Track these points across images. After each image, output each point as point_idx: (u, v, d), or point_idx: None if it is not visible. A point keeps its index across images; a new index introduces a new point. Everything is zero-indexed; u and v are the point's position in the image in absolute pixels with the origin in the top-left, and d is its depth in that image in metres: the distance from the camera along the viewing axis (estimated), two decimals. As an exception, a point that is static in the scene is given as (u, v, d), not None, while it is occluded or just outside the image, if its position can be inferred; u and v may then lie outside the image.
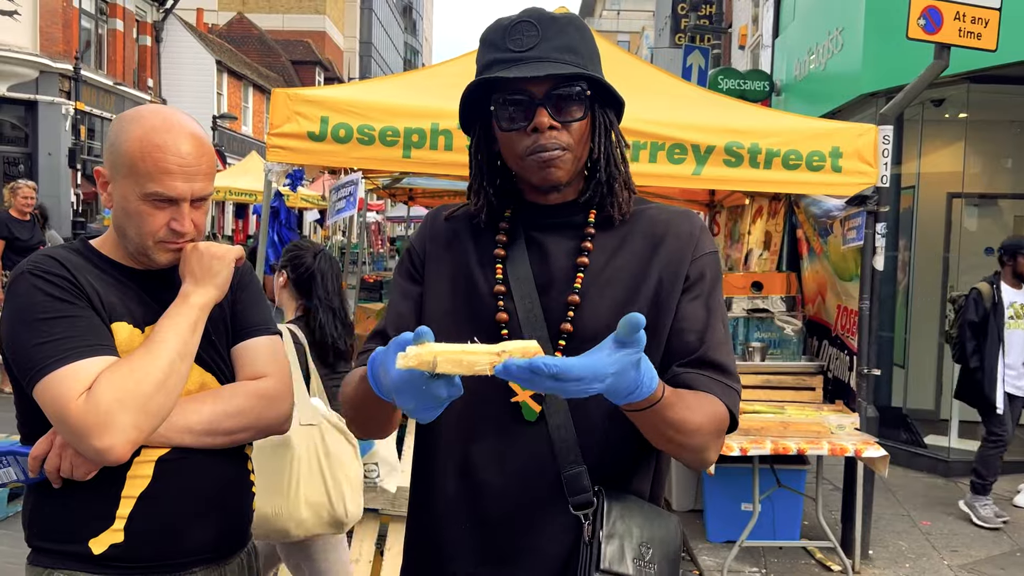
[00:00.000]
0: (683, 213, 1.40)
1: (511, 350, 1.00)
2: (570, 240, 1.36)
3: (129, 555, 1.51)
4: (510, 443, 1.30)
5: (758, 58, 12.99)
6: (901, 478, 6.21)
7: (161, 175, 1.49)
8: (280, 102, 4.06)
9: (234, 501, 1.65)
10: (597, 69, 1.33)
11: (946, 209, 7.24)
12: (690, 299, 1.33)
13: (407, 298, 1.43)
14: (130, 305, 1.55)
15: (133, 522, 1.51)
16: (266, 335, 1.70)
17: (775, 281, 5.14)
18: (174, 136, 1.50)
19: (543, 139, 1.28)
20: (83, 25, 20.79)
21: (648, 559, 1.25)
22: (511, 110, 1.29)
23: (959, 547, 4.92)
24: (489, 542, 1.31)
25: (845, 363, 4.66)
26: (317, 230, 30.71)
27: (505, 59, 1.28)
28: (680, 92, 4.68)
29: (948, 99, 6.99)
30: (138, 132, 1.50)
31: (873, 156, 4.26)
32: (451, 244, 1.42)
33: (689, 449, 1.23)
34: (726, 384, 1.30)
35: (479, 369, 1.00)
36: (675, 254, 1.34)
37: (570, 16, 1.32)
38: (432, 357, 1.00)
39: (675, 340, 1.32)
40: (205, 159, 1.55)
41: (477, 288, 1.37)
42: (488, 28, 1.33)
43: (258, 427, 1.62)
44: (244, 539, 1.71)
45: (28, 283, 1.47)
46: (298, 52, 39.03)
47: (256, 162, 15.56)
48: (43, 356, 1.41)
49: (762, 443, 4.01)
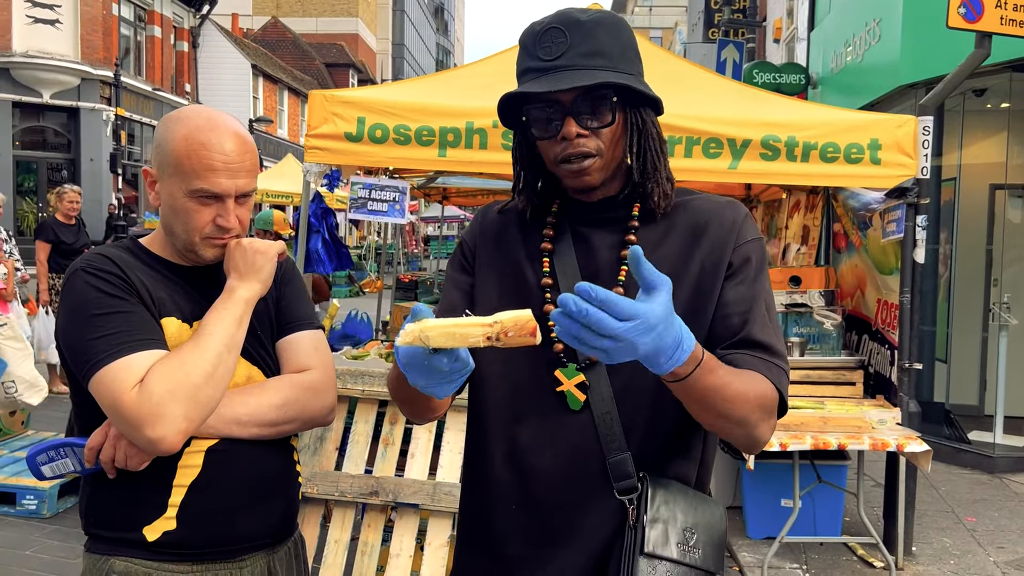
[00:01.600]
0: (727, 202, 1.41)
1: (503, 320, 1.02)
2: (614, 234, 1.39)
3: (182, 542, 1.56)
4: (556, 431, 1.33)
5: (793, 51, 12.86)
6: (944, 474, 6.11)
7: (206, 172, 1.53)
8: (318, 103, 4.12)
9: (281, 490, 1.69)
10: (631, 66, 1.34)
11: (989, 201, 7.11)
12: (734, 284, 1.34)
13: (457, 288, 1.48)
14: (179, 301, 1.60)
15: (185, 510, 1.55)
16: (309, 329, 1.74)
17: (813, 275, 5.09)
18: (218, 134, 1.55)
19: (572, 147, 1.31)
20: (122, 32, 21.21)
21: (692, 544, 1.27)
22: (542, 119, 1.32)
23: (1005, 544, 4.83)
24: (537, 525, 1.35)
25: (886, 357, 4.60)
26: (352, 231, 30.98)
27: (536, 68, 1.31)
28: (714, 86, 4.66)
29: (990, 89, 6.86)
30: (183, 131, 1.55)
31: (913, 148, 4.20)
32: (500, 238, 1.46)
33: (735, 421, 1.22)
34: (771, 362, 1.30)
35: (472, 340, 1.03)
36: (718, 242, 1.35)
37: (599, 16, 1.32)
38: (424, 331, 1.03)
39: (718, 324, 1.33)
40: (248, 156, 1.59)
41: (526, 280, 1.40)
42: (524, 31, 1.36)
43: (303, 418, 1.66)
44: (292, 527, 1.76)
45: (82, 280, 1.52)
46: (332, 55, 39.39)
47: (292, 164, 15.76)
48: (98, 350, 1.46)
49: (802, 438, 3.97)
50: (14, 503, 4.78)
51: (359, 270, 19.13)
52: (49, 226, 7.72)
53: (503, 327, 1.03)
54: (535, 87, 1.28)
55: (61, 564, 4.10)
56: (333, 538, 3.59)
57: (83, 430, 1.58)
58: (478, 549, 1.43)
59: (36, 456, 1.59)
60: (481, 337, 1.03)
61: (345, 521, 3.64)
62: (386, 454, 3.70)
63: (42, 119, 19.37)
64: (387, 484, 3.55)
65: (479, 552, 1.43)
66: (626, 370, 1.28)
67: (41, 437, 5.92)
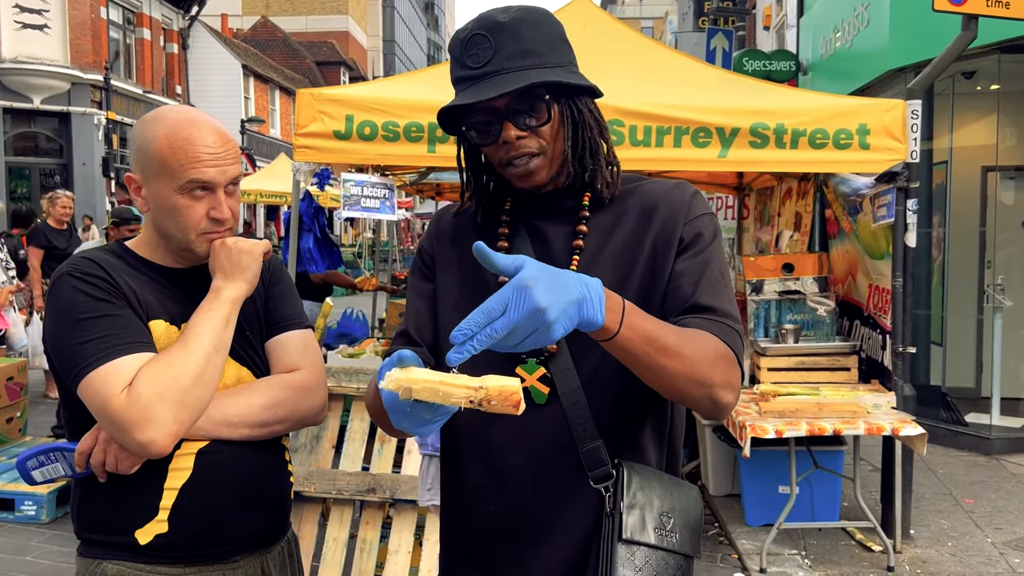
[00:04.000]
0: (676, 184, 1.42)
1: (489, 387, 1.02)
2: (566, 225, 1.39)
3: (174, 544, 1.56)
4: (527, 427, 1.33)
5: (783, 38, 12.85)
6: (942, 457, 6.14)
7: (194, 164, 1.53)
8: (305, 102, 4.11)
9: (273, 490, 1.69)
10: (561, 57, 1.33)
11: (981, 183, 7.12)
12: (685, 257, 1.34)
13: (423, 296, 1.48)
14: (166, 303, 1.60)
15: (176, 513, 1.55)
16: (298, 328, 1.74)
17: (807, 262, 5.10)
18: (199, 128, 1.55)
19: (514, 149, 1.32)
20: (111, 35, 21.13)
21: (669, 528, 1.28)
22: (480, 128, 1.33)
23: (1003, 524, 4.85)
24: (517, 522, 1.35)
25: (878, 342, 4.61)
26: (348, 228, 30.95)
27: (466, 76, 1.31)
28: (703, 75, 4.66)
29: (979, 71, 6.86)
30: (163, 130, 1.54)
31: (902, 132, 4.21)
32: (456, 240, 1.47)
33: (685, 377, 1.19)
34: (719, 321, 1.28)
35: (454, 401, 1.02)
36: (668, 221, 1.35)
37: (521, 15, 1.30)
38: (409, 385, 1.03)
39: (669, 296, 1.33)
40: (231, 145, 1.61)
41: (482, 279, 1.40)
42: (451, 40, 1.36)
43: (294, 418, 1.66)
44: (285, 527, 1.76)
45: (69, 285, 1.52)
46: (322, 53, 39.29)
47: (285, 164, 15.71)
48: (86, 354, 1.46)
49: (797, 425, 3.99)
50: (13, 509, 4.79)
51: (354, 268, 19.11)
52: (42, 231, 7.72)
53: (488, 394, 1.02)
54: (466, 98, 1.28)
55: (60, 569, 4.11)
56: (332, 536, 3.60)
57: (73, 434, 1.58)
58: (460, 551, 1.43)
59: (26, 461, 1.58)
60: (464, 399, 1.02)
61: (343, 519, 3.64)
62: (382, 451, 3.70)
63: (33, 124, 19.30)
64: (384, 481, 3.56)
65: (462, 557, 1.42)
66: (592, 359, 1.29)
67: (39, 443, 5.92)
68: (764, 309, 4.94)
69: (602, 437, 1.31)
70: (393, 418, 1.12)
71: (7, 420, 5.75)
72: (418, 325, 1.46)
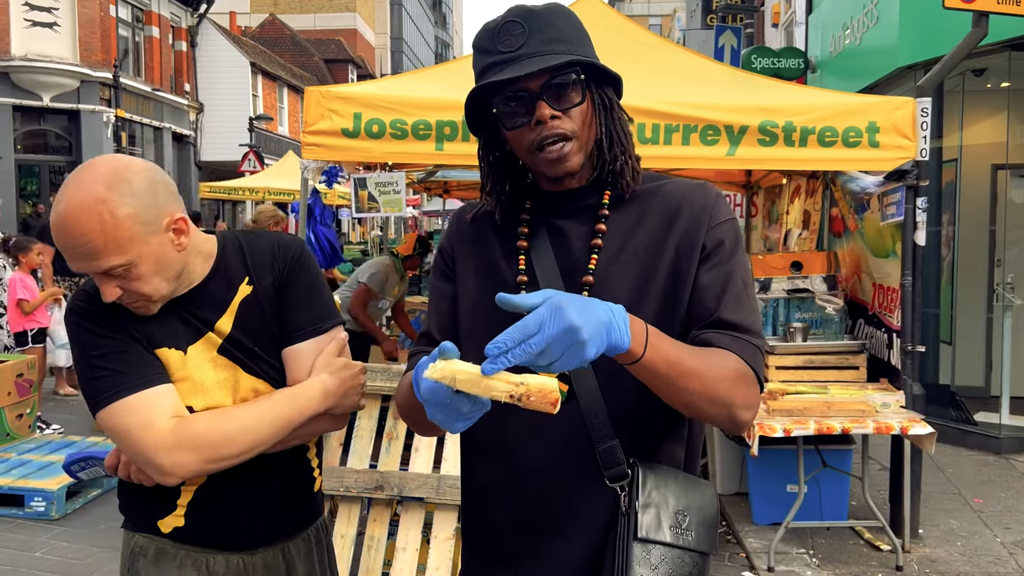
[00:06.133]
0: (698, 185, 1.41)
1: (530, 384, 1.04)
2: (586, 224, 1.39)
3: (191, 537, 1.64)
4: (544, 424, 1.32)
5: (792, 35, 12.81)
6: (951, 456, 6.11)
7: (69, 260, 1.50)
8: (313, 100, 4.12)
9: (293, 487, 1.72)
10: (588, 51, 1.36)
11: (991, 181, 7.08)
12: (708, 268, 1.34)
13: (444, 298, 1.49)
14: (171, 328, 1.59)
15: (193, 509, 1.62)
16: (312, 337, 1.66)
17: (815, 260, 5.09)
18: (67, 224, 1.45)
19: (547, 130, 1.31)
20: (120, 33, 21.19)
21: (685, 526, 1.28)
22: (512, 108, 1.32)
23: (1012, 524, 4.83)
24: (534, 518, 1.36)
25: (883, 341, 4.60)
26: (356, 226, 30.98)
27: (498, 62, 1.31)
28: (711, 73, 4.65)
29: (989, 69, 6.82)
30: (52, 218, 1.49)
31: (911, 130, 4.19)
32: (476, 241, 1.47)
33: (704, 397, 1.21)
34: (741, 339, 1.29)
35: (495, 394, 1.05)
36: (691, 225, 1.35)
37: (552, 6, 1.35)
38: (453, 374, 1.05)
39: (693, 309, 1.33)
40: (106, 235, 1.44)
41: (502, 279, 1.40)
42: (477, 34, 1.36)
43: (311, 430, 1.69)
44: (310, 518, 1.78)
45: (73, 323, 1.58)
46: (330, 51, 39.32)
47: (293, 162, 15.73)
48: (100, 389, 1.54)
49: (806, 424, 3.97)
50: (23, 505, 4.81)
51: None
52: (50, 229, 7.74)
53: (528, 390, 1.04)
54: (503, 75, 1.29)
55: (69, 565, 4.12)
56: (339, 533, 3.60)
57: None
58: (480, 546, 1.45)
59: (71, 465, 1.85)
60: (504, 394, 1.05)
61: (351, 516, 3.65)
62: (390, 448, 3.71)
63: (43, 122, 19.36)
64: (392, 478, 3.56)
65: (482, 553, 1.44)
66: (609, 360, 1.29)
67: (47, 440, 5.95)
68: (772, 307, 4.92)
69: (619, 436, 1.32)
70: (430, 411, 1.12)
71: (17, 416, 5.78)
72: (440, 326, 1.47)
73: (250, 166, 18.94)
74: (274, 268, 1.65)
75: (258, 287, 1.64)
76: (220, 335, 1.62)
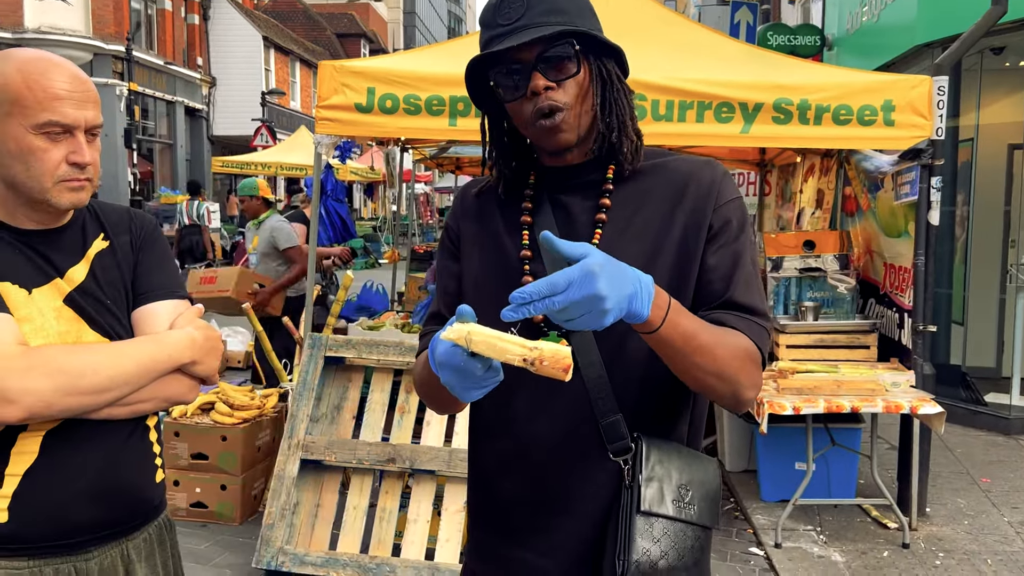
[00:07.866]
0: (704, 162, 1.42)
1: (544, 349, 1.07)
2: (590, 199, 1.40)
3: (15, 536, 1.43)
4: (549, 398, 1.35)
5: (808, 12, 12.65)
6: (960, 436, 6.12)
7: (52, 101, 1.40)
8: (327, 74, 4.12)
9: (134, 474, 1.56)
10: (588, 22, 1.35)
11: (1007, 161, 7.02)
12: (715, 248, 1.35)
13: (452, 276, 1.50)
14: (17, 266, 1.47)
15: (18, 501, 1.43)
16: (170, 299, 1.59)
17: (828, 239, 5.07)
18: (55, 64, 1.43)
19: (542, 101, 1.31)
20: (133, 6, 21.15)
21: (688, 500, 1.31)
22: (508, 81, 1.34)
23: (1020, 504, 4.85)
24: (539, 491, 1.37)
25: (894, 321, 4.60)
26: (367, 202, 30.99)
27: (497, 35, 1.32)
28: (726, 50, 4.62)
29: (1008, 47, 6.74)
30: (14, 65, 1.41)
31: (927, 108, 4.16)
32: (481, 217, 1.48)
33: (713, 373, 1.24)
34: (749, 320, 1.32)
35: (509, 357, 1.07)
36: (698, 203, 1.36)
37: None
38: (468, 334, 1.07)
39: (702, 290, 1.35)
40: (90, 87, 1.46)
41: (505, 254, 1.42)
42: (482, 12, 1.38)
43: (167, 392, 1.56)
44: (151, 513, 1.63)
45: None
46: (343, 25, 39.12)
47: (305, 137, 15.73)
48: None
49: (815, 402, 3.99)
50: None
51: (374, 241, 19.16)
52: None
53: (541, 355, 1.07)
54: (497, 46, 1.31)
55: None
56: (352, 504, 3.66)
57: None
58: (487, 522, 1.46)
59: None
60: (518, 357, 1.07)
61: (363, 488, 3.70)
62: (402, 422, 3.75)
63: (56, 95, 19.45)
64: (404, 451, 3.61)
65: (487, 526, 1.46)
66: (615, 335, 1.30)
67: None
68: (784, 286, 4.92)
69: (623, 411, 1.33)
70: (444, 375, 1.14)
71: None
72: (448, 305, 1.48)
73: (262, 140, 18.94)
74: (131, 230, 1.61)
75: (115, 242, 1.58)
76: (70, 283, 1.51)
